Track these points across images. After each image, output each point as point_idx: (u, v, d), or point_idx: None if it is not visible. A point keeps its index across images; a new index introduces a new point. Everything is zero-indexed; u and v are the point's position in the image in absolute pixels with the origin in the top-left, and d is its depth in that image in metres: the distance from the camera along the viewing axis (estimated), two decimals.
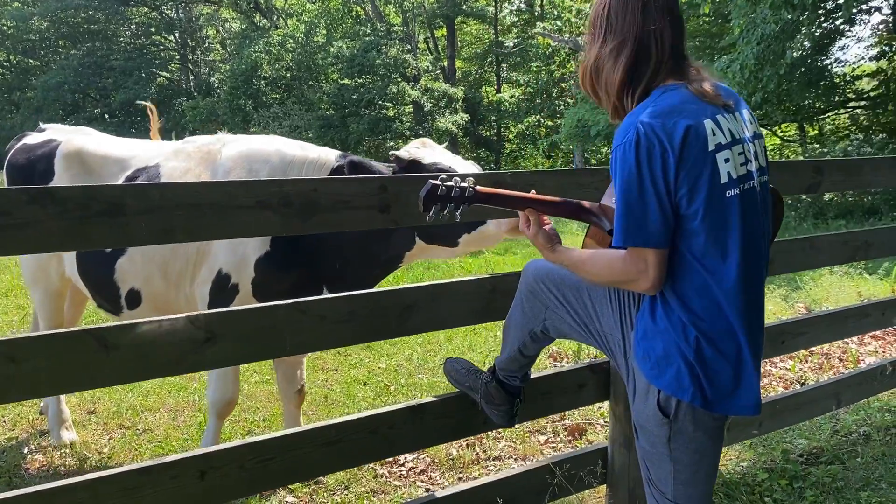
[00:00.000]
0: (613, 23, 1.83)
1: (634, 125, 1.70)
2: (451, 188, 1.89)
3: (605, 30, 1.85)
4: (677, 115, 1.70)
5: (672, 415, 1.77)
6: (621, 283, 1.84)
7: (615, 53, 1.83)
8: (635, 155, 1.68)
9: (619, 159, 1.73)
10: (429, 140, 3.24)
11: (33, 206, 1.79)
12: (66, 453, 3.69)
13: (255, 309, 2.14)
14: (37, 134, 3.87)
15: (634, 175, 1.69)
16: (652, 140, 1.67)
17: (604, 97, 1.92)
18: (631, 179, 1.69)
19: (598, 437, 3.86)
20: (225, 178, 3.11)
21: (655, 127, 1.68)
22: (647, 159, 1.67)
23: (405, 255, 3.09)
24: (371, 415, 2.38)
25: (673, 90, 1.77)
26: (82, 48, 32.27)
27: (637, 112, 1.74)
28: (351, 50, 25.08)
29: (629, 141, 1.69)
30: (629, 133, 1.70)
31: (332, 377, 4.85)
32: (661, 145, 1.67)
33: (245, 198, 2.05)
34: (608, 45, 1.84)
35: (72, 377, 1.89)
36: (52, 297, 3.79)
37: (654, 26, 1.79)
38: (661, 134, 1.67)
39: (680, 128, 1.68)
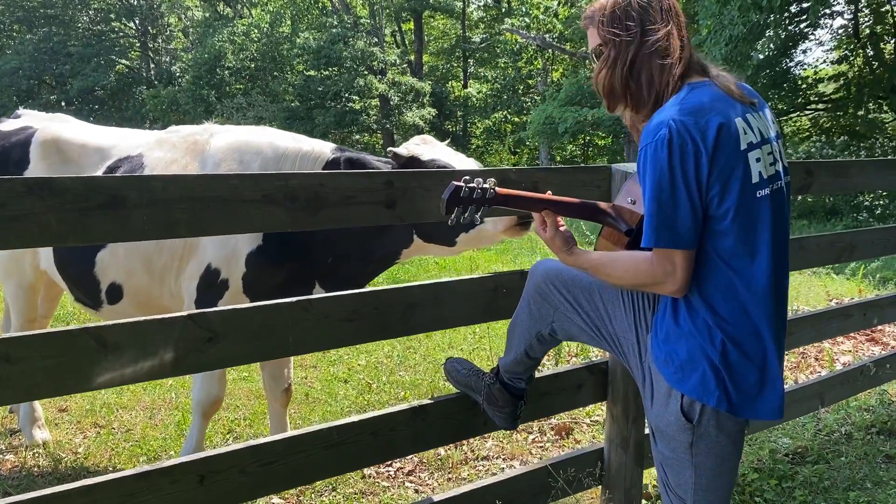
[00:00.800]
0: (646, 16, 1.77)
1: (666, 123, 1.65)
2: (474, 189, 1.83)
3: (642, 25, 1.78)
4: (709, 112, 1.66)
5: (696, 420, 1.74)
6: (646, 286, 1.79)
7: (665, 40, 1.75)
8: (668, 153, 1.64)
9: (649, 158, 1.68)
10: (430, 137, 3.16)
11: (30, 196, 1.69)
12: (39, 453, 3.55)
13: (258, 307, 2.06)
14: (11, 121, 3.70)
15: (666, 174, 1.64)
16: (685, 138, 1.63)
17: (643, 92, 1.80)
18: (662, 178, 1.65)
19: (584, 436, 3.84)
20: (214, 171, 3.01)
21: (688, 124, 1.64)
22: (679, 158, 1.63)
23: (402, 252, 3.02)
24: (373, 416, 2.32)
25: (701, 87, 1.74)
26: (38, 33, 31.34)
27: (666, 109, 1.70)
28: (317, 41, 24.83)
29: (661, 139, 1.65)
30: (661, 131, 1.66)
31: (311, 374, 4.77)
32: (693, 143, 1.63)
33: (251, 192, 1.96)
34: (649, 40, 1.76)
35: (69, 378, 1.79)
36: (26, 290, 3.63)
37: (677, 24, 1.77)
38: (693, 132, 1.64)
39: (713, 126, 1.64)
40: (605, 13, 1.82)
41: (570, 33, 22.69)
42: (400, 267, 8.51)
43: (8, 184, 1.67)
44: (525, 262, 9.09)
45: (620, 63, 1.82)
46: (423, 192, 2.27)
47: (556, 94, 20.33)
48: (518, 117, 28.97)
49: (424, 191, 2.27)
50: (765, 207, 1.70)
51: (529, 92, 29.39)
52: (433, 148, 3.02)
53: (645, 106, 1.84)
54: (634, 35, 1.78)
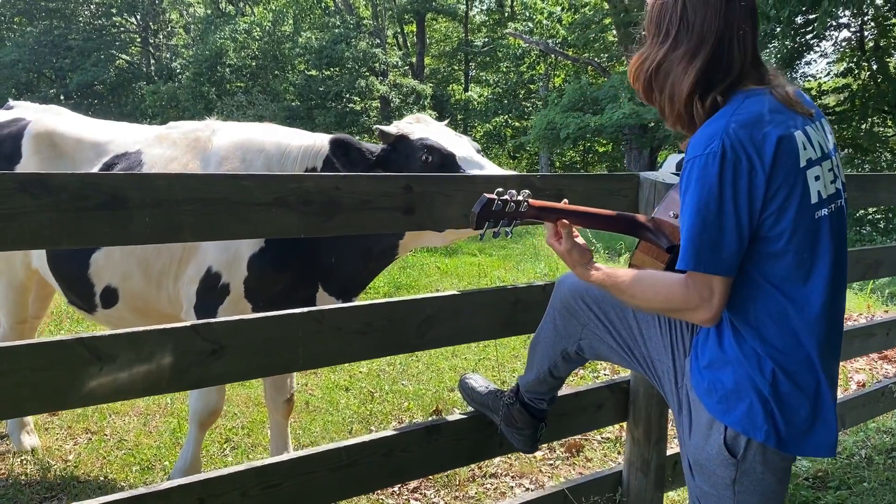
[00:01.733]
0: (690, 21, 1.63)
1: (719, 135, 1.51)
2: (507, 202, 1.69)
3: (678, 29, 1.64)
4: (766, 124, 1.52)
5: (740, 455, 1.60)
6: (676, 311, 1.64)
7: (689, 57, 1.62)
8: (719, 169, 1.49)
9: (696, 172, 1.53)
10: (424, 115, 2.97)
11: (23, 194, 1.54)
12: (27, 460, 3.39)
13: (266, 318, 1.92)
14: (3, 112, 3.55)
15: (715, 192, 1.50)
16: (739, 154, 1.49)
17: (665, 102, 1.70)
18: (710, 197, 1.50)
19: (595, 454, 3.70)
20: (218, 169, 2.85)
21: (743, 139, 1.50)
22: (731, 175, 1.49)
23: (398, 244, 2.84)
24: (384, 436, 2.18)
25: (756, 95, 1.59)
26: (39, 26, 31.17)
27: (719, 120, 1.55)
28: (319, 41, 24.71)
29: (712, 153, 1.50)
30: (713, 144, 1.51)
31: (312, 381, 4.61)
32: (748, 160, 1.49)
33: (262, 194, 1.82)
34: (680, 48, 1.63)
35: (60, 393, 1.65)
36: (17, 290, 3.47)
37: (740, 28, 1.61)
38: (748, 147, 1.49)
39: (771, 140, 1.50)
40: (655, 5, 1.69)
41: (574, 39, 22.61)
42: (401, 272, 8.37)
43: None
44: (528, 268, 8.96)
45: (648, 64, 1.70)
46: (444, 198, 2.13)
47: (558, 99, 20.22)
48: (519, 122, 28.89)
49: (445, 196, 2.13)
50: (823, 229, 1.55)
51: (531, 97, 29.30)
52: (426, 126, 2.82)
53: (667, 119, 1.72)
54: (668, 38, 1.65)
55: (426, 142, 2.69)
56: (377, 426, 3.95)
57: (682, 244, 1.57)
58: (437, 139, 2.71)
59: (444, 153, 2.66)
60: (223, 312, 2.78)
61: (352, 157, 2.70)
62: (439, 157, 2.65)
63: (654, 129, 17.97)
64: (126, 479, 3.26)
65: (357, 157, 2.71)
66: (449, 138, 2.76)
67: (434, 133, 2.76)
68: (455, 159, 2.65)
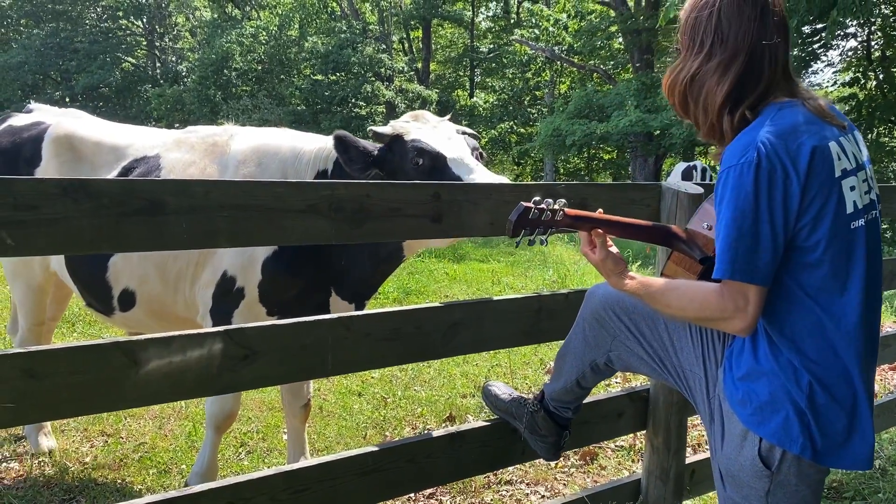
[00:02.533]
0: (724, 33, 1.65)
1: (755, 145, 1.52)
2: (543, 211, 1.71)
3: (713, 40, 1.66)
4: (801, 135, 1.53)
5: (775, 467, 1.60)
6: (710, 321, 1.64)
7: (723, 67, 1.64)
8: (754, 179, 1.51)
9: (731, 182, 1.54)
10: (424, 112, 2.87)
11: (64, 199, 1.56)
12: (45, 462, 3.41)
13: (297, 324, 1.93)
14: (23, 115, 3.57)
15: (751, 202, 1.51)
16: (774, 163, 1.50)
17: (699, 114, 1.72)
18: (746, 207, 1.52)
19: (609, 461, 3.71)
20: (236, 173, 2.88)
21: (778, 148, 1.51)
22: (767, 185, 1.50)
23: (403, 246, 2.82)
24: (409, 442, 2.19)
25: (790, 107, 1.61)
26: (46, 28, 31.26)
27: (754, 130, 1.56)
28: (326, 46, 24.77)
29: (748, 162, 1.52)
30: (748, 153, 1.52)
31: (324, 386, 4.62)
32: (783, 170, 1.50)
33: (295, 200, 1.84)
34: (715, 58, 1.65)
35: (97, 396, 1.66)
36: (35, 291, 3.49)
37: (772, 40, 1.63)
38: (784, 157, 1.51)
39: (805, 150, 1.51)
40: (690, 16, 1.71)
41: (580, 46, 22.65)
42: (410, 277, 8.39)
43: (41, 185, 1.54)
44: (536, 275, 8.96)
45: (683, 75, 1.72)
46: (471, 206, 2.15)
47: (564, 106, 20.25)
48: (524, 128, 28.92)
49: (472, 204, 2.15)
50: (859, 240, 1.57)
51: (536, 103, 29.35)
52: (422, 125, 2.75)
53: (701, 130, 1.74)
54: (702, 50, 1.67)
55: (417, 144, 2.63)
56: (391, 432, 3.96)
57: (717, 253, 1.58)
58: (429, 140, 2.64)
59: (433, 155, 2.60)
60: (238, 316, 2.80)
61: (350, 154, 2.67)
62: (429, 159, 2.59)
63: (659, 136, 18.00)
64: (143, 482, 3.28)
65: (355, 155, 2.67)
66: (442, 139, 2.68)
67: (428, 134, 2.69)
68: (446, 161, 2.59)
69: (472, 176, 2.53)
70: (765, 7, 1.64)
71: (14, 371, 1.55)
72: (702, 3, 1.69)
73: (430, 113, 2.86)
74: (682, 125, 14.89)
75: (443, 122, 2.81)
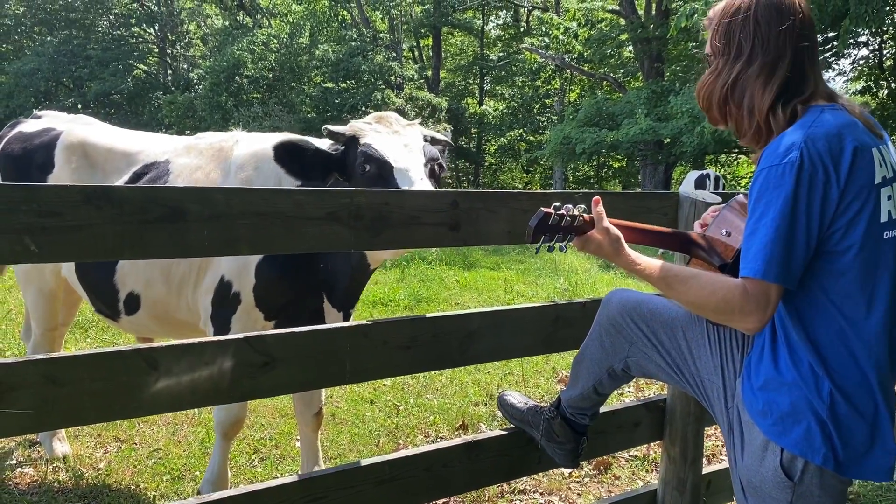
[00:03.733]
0: (765, 36, 1.64)
1: (798, 146, 1.51)
2: (563, 217, 1.70)
3: (753, 43, 1.65)
4: (844, 138, 1.52)
5: (797, 477, 1.59)
6: (726, 315, 1.58)
7: (769, 69, 1.63)
8: (795, 179, 1.49)
9: (772, 181, 1.52)
10: (389, 114, 2.73)
11: (87, 206, 1.57)
12: (59, 468, 3.41)
13: (315, 331, 1.94)
14: (32, 121, 3.59)
15: (790, 203, 1.49)
16: (816, 165, 1.49)
17: (743, 117, 1.69)
18: (785, 207, 1.50)
19: (623, 471, 3.69)
20: (235, 177, 2.90)
21: (822, 150, 1.50)
22: (807, 187, 1.49)
23: (366, 254, 2.73)
24: (426, 451, 2.19)
25: (832, 110, 1.60)
26: (59, 35, 31.48)
27: (798, 131, 1.55)
28: (336, 54, 24.84)
29: (791, 162, 1.50)
30: (791, 154, 1.51)
31: (336, 393, 4.62)
32: (825, 172, 1.49)
33: (315, 208, 1.84)
34: (756, 61, 1.64)
35: (118, 402, 1.67)
36: (47, 297, 3.51)
37: (809, 42, 1.63)
38: (826, 159, 1.50)
39: (847, 153, 1.50)
40: (722, 22, 1.70)
41: (590, 54, 22.65)
42: (421, 284, 8.39)
43: (64, 192, 1.55)
44: (547, 283, 8.95)
45: (723, 81, 1.70)
46: (489, 214, 2.15)
47: (574, 114, 20.24)
48: (533, 136, 28.92)
49: (490, 213, 2.15)
50: (889, 251, 1.55)
51: (545, 111, 29.34)
52: (380, 130, 2.62)
53: (744, 134, 1.72)
54: (743, 53, 1.66)
55: (366, 149, 2.54)
56: (404, 440, 3.95)
57: (749, 251, 1.54)
58: (380, 147, 2.54)
59: (380, 163, 2.50)
60: (236, 323, 2.80)
61: (305, 161, 2.58)
62: (376, 166, 2.50)
63: (670, 145, 17.96)
64: (157, 489, 3.28)
65: (312, 160, 2.60)
66: (396, 146, 2.57)
67: (382, 139, 2.58)
68: (392, 171, 2.47)
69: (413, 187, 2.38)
70: (798, 10, 1.64)
71: (36, 377, 1.56)
72: (733, 9, 1.69)
73: (395, 115, 2.76)
74: (693, 133, 14.85)
75: (409, 127, 2.71)
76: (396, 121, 2.71)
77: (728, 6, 1.71)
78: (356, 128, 2.64)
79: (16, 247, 1.51)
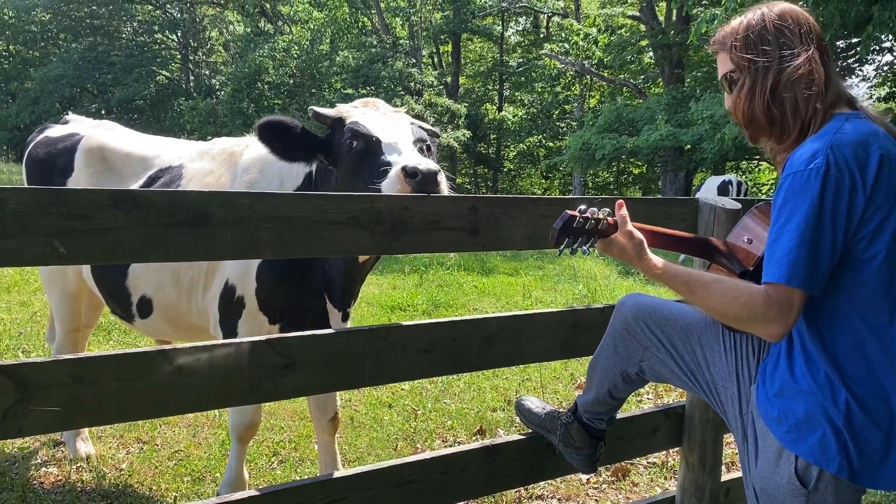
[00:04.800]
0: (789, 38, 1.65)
1: (823, 152, 1.51)
2: (587, 220, 1.71)
3: (780, 48, 1.65)
4: (870, 145, 1.53)
5: (811, 485, 1.59)
6: (748, 321, 1.58)
7: (806, 67, 1.63)
8: (821, 186, 1.49)
9: (797, 187, 1.52)
10: (376, 100, 2.73)
11: (114, 210, 1.60)
12: (83, 468, 3.46)
13: (336, 334, 1.96)
14: (59, 126, 3.68)
15: (816, 209, 1.49)
16: (843, 171, 1.49)
17: (787, 121, 1.66)
18: (810, 213, 1.50)
19: (641, 478, 3.68)
20: (241, 179, 2.94)
21: (848, 156, 1.50)
22: (833, 193, 1.49)
23: None
24: (444, 454, 2.20)
25: (856, 118, 1.60)
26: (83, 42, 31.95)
27: (823, 137, 1.55)
28: (356, 60, 24.97)
29: (816, 168, 1.50)
30: (817, 160, 1.51)
31: (354, 396, 4.64)
32: (851, 178, 1.49)
33: (336, 213, 1.87)
34: (790, 63, 1.64)
35: (142, 403, 1.70)
36: (70, 298, 3.58)
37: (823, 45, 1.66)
38: (853, 165, 1.50)
39: (874, 159, 1.50)
40: (739, 37, 1.70)
41: (610, 60, 22.61)
42: (439, 290, 8.40)
43: (92, 195, 1.59)
44: (566, 289, 8.93)
45: (760, 90, 1.68)
46: (508, 220, 2.16)
47: (593, 120, 20.20)
48: (552, 142, 28.89)
49: (509, 218, 2.16)
50: None
51: (565, 117, 29.31)
52: (367, 111, 2.61)
53: (789, 135, 1.69)
54: (772, 59, 1.65)
55: (353, 126, 2.52)
56: (422, 444, 3.97)
57: (773, 257, 1.54)
58: (368, 123, 2.52)
59: (368, 138, 2.47)
60: (242, 327, 2.82)
61: (290, 141, 2.56)
62: (363, 142, 2.47)
63: (690, 151, 17.87)
64: (178, 489, 3.31)
65: (296, 140, 2.57)
66: (384, 124, 2.54)
67: (370, 117, 2.57)
68: (380, 145, 2.44)
69: (400, 158, 2.35)
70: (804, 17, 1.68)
71: (64, 376, 1.60)
72: (745, 24, 1.71)
73: (382, 101, 2.75)
74: (714, 140, 14.76)
75: (395, 113, 2.69)
76: (384, 105, 2.70)
77: (738, 24, 1.73)
78: (342, 110, 2.63)
79: (45, 249, 1.54)
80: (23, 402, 1.57)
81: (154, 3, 33.17)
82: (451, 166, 28.68)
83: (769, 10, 1.70)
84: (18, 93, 31.83)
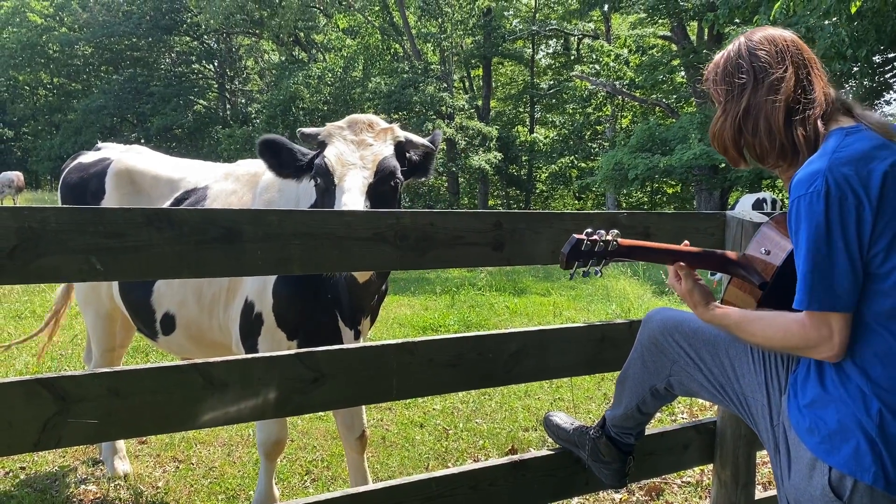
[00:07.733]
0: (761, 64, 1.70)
1: (822, 173, 1.52)
2: (596, 243, 1.73)
3: (751, 75, 1.71)
4: (872, 160, 1.52)
5: (846, 496, 1.57)
6: (797, 350, 1.62)
7: (775, 84, 1.67)
8: (824, 207, 1.50)
9: (803, 211, 1.54)
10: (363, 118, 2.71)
11: (148, 228, 1.66)
12: (121, 485, 3.53)
13: (363, 348, 1.99)
14: (91, 153, 3.80)
15: (823, 230, 1.50)
16: (844, 190, 1.50)
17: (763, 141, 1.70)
18: (818, 235, 1.51)
19: (675, 498, 3.63)
20: (260, 198, 3.02)
21: (848, 175, 1.50)
22: (838, 212, 1.49)
23: None
24: (472, 469, 2.21)
25: (857, 132, 1.60)
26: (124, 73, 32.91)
27: (822, 158, 1.56)
28: (388, 86, 25.30)
29: (816, 191, 1.51)
30: (816, 182, 1.52)
31: (386, 416, 4.67)
32: (855, 196, 1.49)
33: (363, 229, 1.91)
34: (762, 85, 1.69)
35: (175, 415, 1.75)
36: (104, 319, 3.68)
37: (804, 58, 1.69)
38: (855, 183, 1.50)
39: (877, 175, 1.50)
40: (718, 71, 1.78)
41: (642, 80, 22.57)
42: (471, 310, 8.41)
43: (127, 214, 1.65)
44: (599, 308, 8.88)
45: (732, 115, 1.75)
46: (533, 235, 2.18)
47: (626, 140, 20.14)
48: (584, 163, 28.84)
49: (534, 233, 2.18)
50: None
51: (597, 138, 29.28)
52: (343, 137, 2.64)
53: (769, 155, 1.72)
54: (746, 84, 1.71)
55: (319, 163, 2.58)
56: (454, 463, 3.97)
57: (798, 285, 1.57)
58: (333, 160, 2.56)
59: (328, 178, 2.54)
60: (262, 343, 2.86)
61: (282, 158, 2.69)
62: (324, 182, 2.57)
63: (724, 169, 17.70)
64: None
65: (287, 159, 2.70)
66: (348, 161, 2.56)
67: (338, 151, 2.59)
68: (335, 188, 2.50)
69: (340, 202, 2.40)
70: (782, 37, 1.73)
71: (101, 390, 1.65)
72: (725, 57, 1.78)
73: (372, 118, 2.74)
74: None
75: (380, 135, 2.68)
76: (369, 126, 2.69)
77: (719, 58, 1.80)
78: (326, 133, 2.69)
79: (83, 266, 1.60)
80: (61, 415, 1.62)
81: (192, 34, 34.04)
82: (483, 188, 28.77)
83: (747, 38, 1.77)
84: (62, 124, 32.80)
